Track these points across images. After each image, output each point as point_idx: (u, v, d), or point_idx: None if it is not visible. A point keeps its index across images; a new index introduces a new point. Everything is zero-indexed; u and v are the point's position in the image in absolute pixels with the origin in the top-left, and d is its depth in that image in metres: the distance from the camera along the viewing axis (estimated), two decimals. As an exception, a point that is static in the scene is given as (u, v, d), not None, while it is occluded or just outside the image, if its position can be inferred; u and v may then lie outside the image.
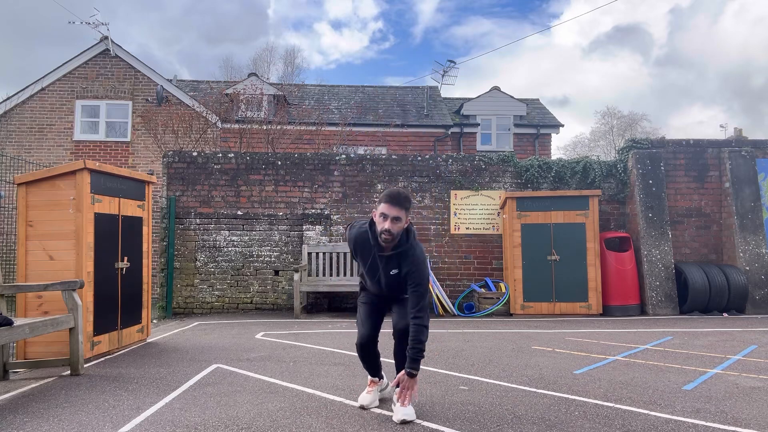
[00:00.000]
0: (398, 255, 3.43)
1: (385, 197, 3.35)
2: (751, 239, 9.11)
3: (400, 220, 3.33)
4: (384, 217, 3.33)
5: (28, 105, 14.98)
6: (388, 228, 3.31)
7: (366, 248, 3.50)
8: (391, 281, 3.49)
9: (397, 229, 3.34)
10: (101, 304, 5.40)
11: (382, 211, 3.35)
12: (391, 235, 3.32)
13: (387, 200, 3.34)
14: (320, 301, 9.54)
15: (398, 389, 3.41)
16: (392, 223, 3.31)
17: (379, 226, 3.36)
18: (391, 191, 3.38)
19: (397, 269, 3.43)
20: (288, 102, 16.98)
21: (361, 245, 3.53)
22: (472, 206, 9.68)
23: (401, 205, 3.33)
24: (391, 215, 3.31)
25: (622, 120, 39.65)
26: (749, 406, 3.65)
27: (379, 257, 3.47)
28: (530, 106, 20.15)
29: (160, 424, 3.32)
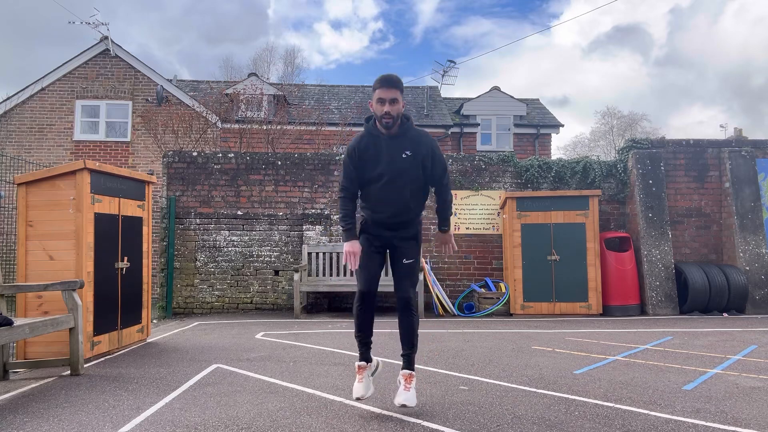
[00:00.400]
0: (408, 137, 3.49)
1: (377, 83, 3.43)
2: (751, 239, 9.11)
3: (397, 101, 3.41)
4: (381, 102, 3.41)
5: (28, 105, 14.98)
6: (388, 110, 3.39)
7: (370, 145, 3.51)
8: (404, 168, 3.49)
9: (396, 111, 3.42)
10: (101, 304, 5.40)
11: (378, 96, 3.42)
12: (392, 117, 3.40)
13: (381, 84, 3.42)
14: (320, 301, 9.54)
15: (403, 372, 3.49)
16: (390, 105, 3.39)
17: (378, 112, 3.43)
18: (382, 76, 3.45)
19: (410, 151, 3.49)
20: (288, 102, 16.98)
21: (365, 146, 3.52)
22: (472, 206, 9.68)
23: (395, 85, 3.42)
24: (388, 97, 3.39)
25: (622, 120, 39.67)
26: (749, 406, 3.65)
27: (388, 145, 3.47)
28: (530, 106, 20.15)
29: (160, 424, 3.32)
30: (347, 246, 3.51)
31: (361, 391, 3.51)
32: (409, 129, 3.56)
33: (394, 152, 3.48)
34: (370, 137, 3.54)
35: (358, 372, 3.59)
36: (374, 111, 3.48)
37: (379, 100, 3.42)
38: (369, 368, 3.64)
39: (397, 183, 3.50)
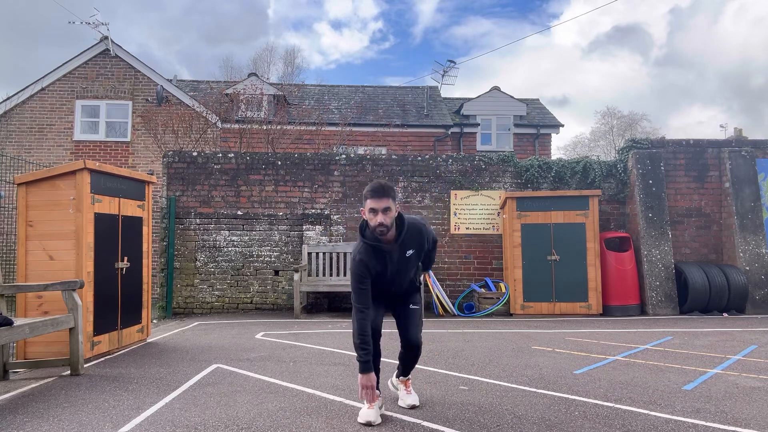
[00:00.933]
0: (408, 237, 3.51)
1: (368, 193, 3.38)
2: (751, 239, 9.11)
3: (390, 209, 3.37)
4: (374, 212, 3.36)
5: (28, 105, 14.98)
6: (381, 221, 3.34)
7: (374, 255, 3.45)
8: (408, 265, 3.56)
9: (390, 219, 3.39)
10: (101, 304, 5.40)
11: (370, 207, 3.36)
12: (386, 227, 3.36)
13: (372, 195, 3.36)
14: (320, 301, 9.54)
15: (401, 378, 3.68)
16: (384, 214, 3.35)
17: (372, 222, 3.37)
18: (372, 185, 3.40)
19: (412, 249, 3.53)
20: (288, 102, 16.98)
21: (370, 257, 3.44)
22: (472, 206, 9.68)
23: (386, 194, 3.36)
24: (381, 207, 3.34)
25: (622, 120, 39.66)
26: (749, 406, 3.65)
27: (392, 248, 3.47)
28: (530, 106, 20.15)
29: (160, 424, 3.32)
30: (362, 379, 3.35)
31: (372, 417, 3.35)
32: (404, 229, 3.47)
33: (399, 255, 3.50)
34: (372, 251, 3.45)
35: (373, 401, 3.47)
36: (367, 219, 3.42)
37: (372, 210, 3.34)
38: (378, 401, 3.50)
39: (404, 276, 3.61)
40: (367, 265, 3.42)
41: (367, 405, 3.41)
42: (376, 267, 3.45)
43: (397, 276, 3.56)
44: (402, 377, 3.78)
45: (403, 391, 3.74)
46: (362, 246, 3.46)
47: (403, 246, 3.48)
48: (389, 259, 3.47)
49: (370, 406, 3.40)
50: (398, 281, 3.59)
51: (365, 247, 3.45)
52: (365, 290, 3.42)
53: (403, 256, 3.50)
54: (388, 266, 3.49)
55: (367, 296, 3.42)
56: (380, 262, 3.46)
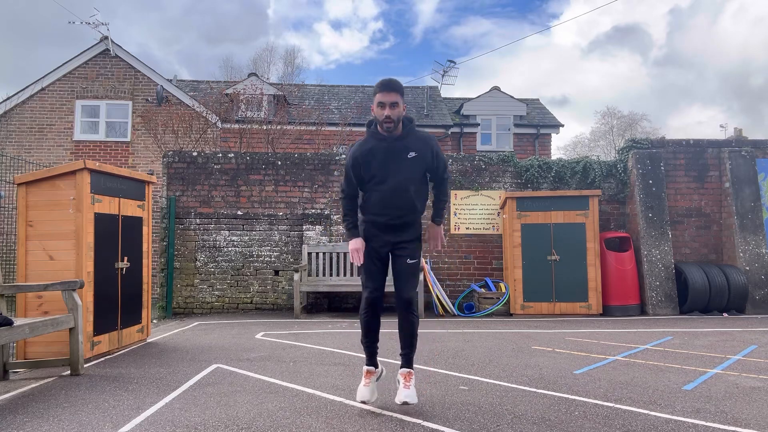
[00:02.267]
0: (412, 137, 3.52)
1: (377, 87, 3.46)
2: (751, 239, 9.11)
3: (398, 105, 3.43)
4: (381, 106, 3.43)
5: (28, 105, 14.98)
6: (389, 114, 3.41)
7: (373, 150, 3.52)
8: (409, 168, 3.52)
9: (397, 114, 3.44)
10: (101, 304, 5.40)
11: (378, 101, 3.44)
12: (392, 121, 3.43)
13: (381, 89, 3.44)
14: (320, 301, 9.54)
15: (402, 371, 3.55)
16: (391, 108, 3.41)
17: (379, 116, 3.46)
18: (382, 80, 3.48)
19: (415, 152, 3.52)
20: (288, 102, 16.98)
21: (368, 151, 3.53)
22: (472, 206, 9.68)
23: (395, 89, 3.44)
24: (389, 101, 3.41)
25: (622, 120, 39.67)
26: (749, 406, 3.65)
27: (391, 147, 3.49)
28: (530, 106, 20.15)
29: (160, 424, 3.32)
30: (352, 244, 3.56)
31: (366, 395, 3.58)
32: (412, 130, 3.60)
33: (400, 153, 3.52)
34: (374, 141, 3.56)
35: (366, 376, 3.64)
36: (375, 115, 3.51)
37: (380, 104, 3.44)
38: (375, 373, 3.68)
39: (403, 183, 3.53)
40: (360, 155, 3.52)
41: (363, 381, 3.59)
42: (372, 155, 3.51)
43: (398, 181, 3.50)
44: (403, 369, 3.61)
45: (402, 384, 3.55)
46: (364, 138, 3.60)
47: (405, 143, 3.50)
48: (390, 151, 3.50)
49: (365, 383, 3.58)
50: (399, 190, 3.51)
51: (365, 137, 3.57)
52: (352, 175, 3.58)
53: (404, 156, 3.50)
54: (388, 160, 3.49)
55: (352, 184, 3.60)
56: (379, 152, 3.50)
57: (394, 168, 3.50)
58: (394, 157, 3.51)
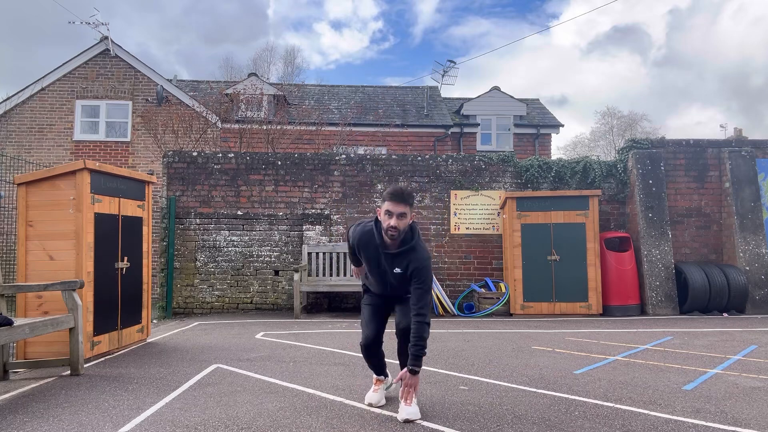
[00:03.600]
0: (404, 253, 3.46)
1: (389, 195, 3.39)
2: (751, 239, 9.11)
3: (405, 216, 3.39)
4: (389, 215, 3.37)
5: (28, 105, 14.97)
6: (394, 225, 3.36)
7: (370, 246, 3.53)
8: (395, 280, 3.52)
9: (403, 226, 3.39)
10: (101, 304, 5.40)
11: (387, 209, 3.39)
12: (397, 231, 3.38)
13: (391, 198, 3.38)
14: (320, 301, 9.54)
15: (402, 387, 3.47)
16: (398, 219, 3.36)
17: (384, 223, 3.40)
18: (394, 188, 3.42)
19: (401, 269, 3.46)
20: (288, 102, 16.98)
21: (365, 243, 3.55)
22: (472, 206, 9.68)
23: (405, 201, 3.38)
24: (396, 212, 3.36)
25: (622, 120, 39.66)
26: (749, 406, 3.65)
27: (385, 255, 3.49)
28: (530, 106, 20.15)
29: (160, 424, 3.32)
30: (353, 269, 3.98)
31: (374, 399, 3.68)
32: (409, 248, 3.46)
33: (389, 266, 3.51)
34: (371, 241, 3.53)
35: (375, 383, 3.77)
36: (381, 220, 3.45)
37: (387, 212, 3.38)
38: (386, 382, 3.78)
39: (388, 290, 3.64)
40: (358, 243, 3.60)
41: (372, 387, 3.71)
42: (367, 249, 3.56)
43: (389, 281, 3.57)
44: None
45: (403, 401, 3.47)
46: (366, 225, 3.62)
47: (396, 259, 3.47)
48: (381, 257, 3.52)
49: (375, 389, 3.69)
50: (391, 284, 3.58)
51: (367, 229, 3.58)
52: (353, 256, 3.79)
53: (392, 268, 3.50)
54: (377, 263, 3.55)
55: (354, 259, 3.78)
56: (373, 251, 3.54)
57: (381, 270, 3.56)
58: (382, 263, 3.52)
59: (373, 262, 3.55)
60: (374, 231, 3.51)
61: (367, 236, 3.54)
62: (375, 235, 3.50)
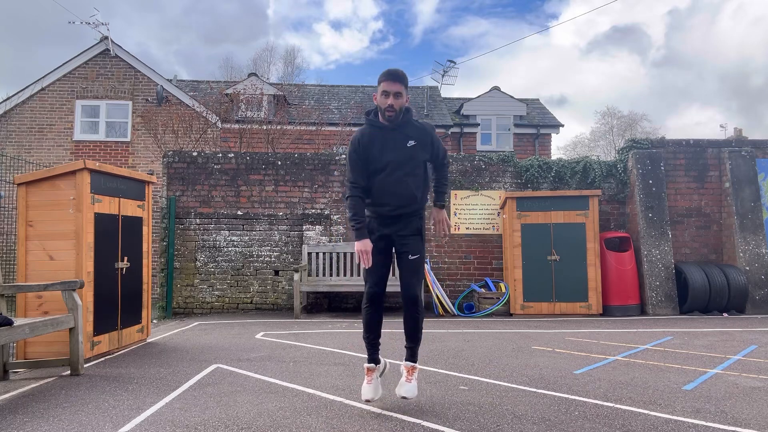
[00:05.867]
0: (410, 126, 3.55)
1: (383, 76, 3.49)
2: (751, 239, 9.11)
3: (401, 95, 3.47)
4: (386, 95, 3.47)
5: (28, 105, 14.97)
6: (391, 103, 3.45)
7: (374, 136, 3.54)
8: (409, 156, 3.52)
9: (399, 105, 3.47)
10: (101, 304, 5.40)
11: (383, 89, 3.48)
12: (394, 110, 3.46)
13: (386, 78, 3.48)
14: (320, 301, 9.54)
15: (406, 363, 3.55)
16: (394, 98, 3.45)
17: (382, 104, 3.49)
18: (388, 70, 3.51)
19: (414, 140, 3.54)
20: (288, 102, 16.98)
21: (368, 136, 3.55)
22: (472, 206, 9.68)
23: (400, 80, 3.48)
24: (393, 91, 3.45)
25: (622, 120, 39.66)
26: (749, 406, 3.65)
27: (393, 131, 3.52)
28: (530, 106, 20.15)
29: (160, 424, 3.32)
30: (359, 245, 3.48)
31: (370, 394, 3.54)
32: (410, 120, 3.62)
33: (399, 142, 3.53)
34: (374, 129, 3.58)
35: (367, 374, 3.61)
36: (378, 103, 3.54)
37: (384, 92, 3.47)
38: (377, 370, 3.68)
39: (403, 171, 3.53)
40: (360, 142, 3.54)
41: (366, 379, 3.56)
42: (372, 143, 3.53)
43: (397, 170, 3.50)
44: (407, 362, 3.60)
45: (404, 377, 3.56)
46: (363, 126, 3.61)
47: (404, 133, 3.52)
48: (390, 139, 3.52)
49: (368, 381, 3.55)
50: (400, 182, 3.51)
51: (364, 126, 3.59)
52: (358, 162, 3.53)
53: (404, 145, 3.52)
54: (388, 149, 3.50)
55: (359, 171, 3.53)
56: (378, 140, 3.52)
57: (393, 156, 3.51)
58: (393, 146, 3.52)
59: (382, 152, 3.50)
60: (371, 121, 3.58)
61: (367, 131, 3.57)
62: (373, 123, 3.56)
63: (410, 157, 3.53)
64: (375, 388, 3.58)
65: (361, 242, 3.47)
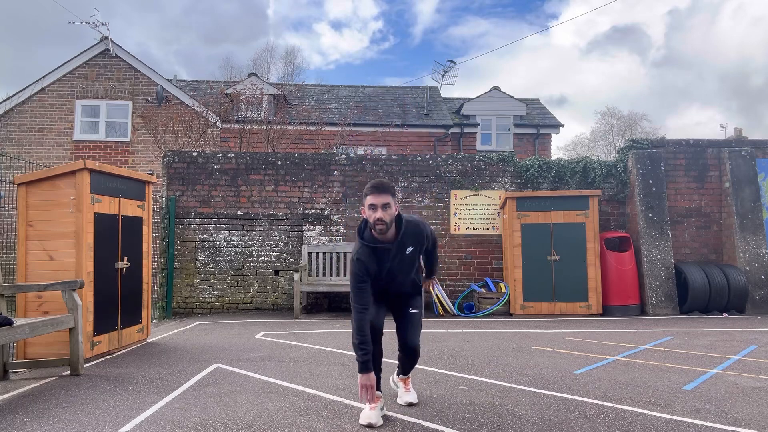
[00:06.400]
0: (407, 236, 3.51)
1: (369, 189, 3.41)
2: (751, 239, 9.11)
3: (389, 206, 3.37)
4: (373, 208, 3.36)
5: (28, 105, 14.97)
6: (380, 217, 3.34)
7: (374, 253, 3.44)
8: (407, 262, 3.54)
9: (389, 216, 3.37)
10: (101, 304, 5.40)
11: (370, 203, 3.37)
12: (385, 223, 3.36)
13: (372, 191, 3.39)
14: (320, 301, 9.54)
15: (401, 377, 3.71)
16: (383, 210, 3.34)
17: (371, 218, 3.38)
18: (372, 182, 3.43)
19: (412, 246, 3.52)
20: (288, 102, 16.98)
21: (368, 255, 3.43)
22: (472, 206, 9.68)
23: (387, 191, 3.38)
24: (380, 203, 3.34)
25: (622, 120, 39.65)
26: (749, 406, 3.65)
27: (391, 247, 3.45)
28: (530, 106, 20.14)
29: (160, 424, 3.32)
30: (362, 379, 3.29)
31: (373, 419, 3.32)
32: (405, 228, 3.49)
33: (398, 254, 3.48)
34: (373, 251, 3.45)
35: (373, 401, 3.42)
36: (366, 217, 3.41)
37: (371, 206, 3.35)
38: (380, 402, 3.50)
39: (404, 274, 3.58)
40: (365, 266, 3.40)
41: (368, 406, 3.38)
42: (374, 267, 3.43)
43: (397, 275, 3.54)
44: (401, 376, 3.83)
45: (402, 389, 3.79)
46: (360, 247, 3.45)
47: (402, 244, 3.48)
48: (388, 258, 3.46)
49: (371, 408, 3.37)
50: (398, 281, 3.58)
51: (363, 248, 3.44)
52: (364, 290, 3.39)
53: (402, 254, 3.50)
54: (387, 266, 3.48)
55: (365, 296, 3.39)
56: (379, 262, 3.45)
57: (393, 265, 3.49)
58: (392, 257, 3.48)
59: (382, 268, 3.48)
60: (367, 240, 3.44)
61: (365, 251, 3.44)
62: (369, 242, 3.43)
63: (408, 262, 3.55)
64: (377, 415, 3.37)
65: (365, 376, 3.29)
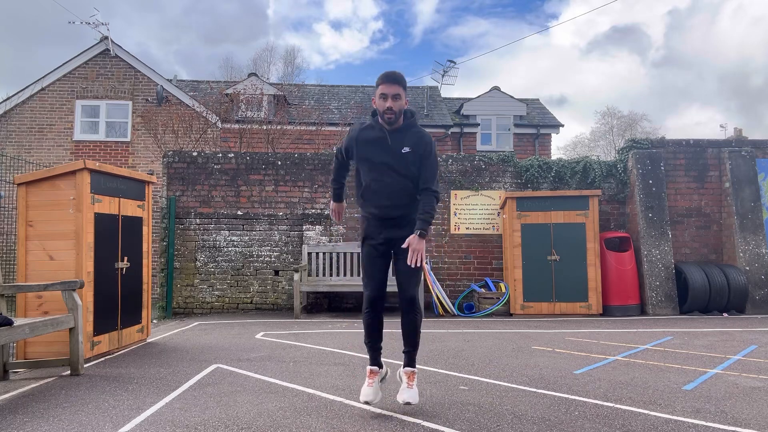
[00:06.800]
0: (409, 133, 3.53)
1: (380, 78, 3.48)
2: (751, 239, 9.11)
3: (400, 97, 3.45)
4: (384, 98, 3.45)
5: (28, 105, 14.97)
6: (390, 106, 3.43)
7: (371, 138, 3.56)
8: (401, 163, 3.50)
9: (399, 107, 3.46)
10: (101, 304, 5.40)
11: (381, 92, 3.46)
12: (394, 113, 3.44)
13: (384, 80, 3.47)
14: (320, 301, 9.54)
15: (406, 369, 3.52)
16: (393, 100, 3.43)
17: (380, 107, 3.48)
18: (385, 72, 3.50)
19: (409, 147, 3.50)
20: (288, 102, 16.98)
21: (366, 136, 3.58)
22: (472, 206, 9.68)
23: (398, 82, 3.46)
24: (391, 93, 3.43)
25: (622, 120, 39.67)
26: (749, 406, 3.65)
27: (391, 135, 3.51)
28: (530, 106, 20.15)
29: (160, 424, 3.32)
30: (331, 205, 3.98)
31: (370, 396, 3.48)
32: (412, 125, 3.59)
33: (395, 146, 3.51)
34: (373, 130, 3.59)
35: (369, 376, 3.57)
36: (377, 107, 3.52)
37: (382, 95, 3.45)
38: (379, 374, 3.63)
39: (398, 174, 3.51)
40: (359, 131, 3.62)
41: (367, 381, 3.54)
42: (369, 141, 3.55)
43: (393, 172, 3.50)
44: (407, 368, 3.60)
45: (405, 383, 3.55)
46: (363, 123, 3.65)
47: (401, 137, 3.51)
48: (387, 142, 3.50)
49: (369, 383, 3.52)
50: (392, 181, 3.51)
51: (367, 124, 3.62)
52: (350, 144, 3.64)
53: (398, 151, 3.49)
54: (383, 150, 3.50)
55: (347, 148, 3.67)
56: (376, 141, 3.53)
57: (388, 159, 3.50)
58: (388, 149, 3.51)
59: (377, 153, 3.51)
60: (373, 122, 3.60)
61: (367, 129, 3.60)
62: (374, 124, 3.58)
63: (402, 163, 3.50)
64: (375, 391, 3.53)
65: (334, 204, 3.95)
